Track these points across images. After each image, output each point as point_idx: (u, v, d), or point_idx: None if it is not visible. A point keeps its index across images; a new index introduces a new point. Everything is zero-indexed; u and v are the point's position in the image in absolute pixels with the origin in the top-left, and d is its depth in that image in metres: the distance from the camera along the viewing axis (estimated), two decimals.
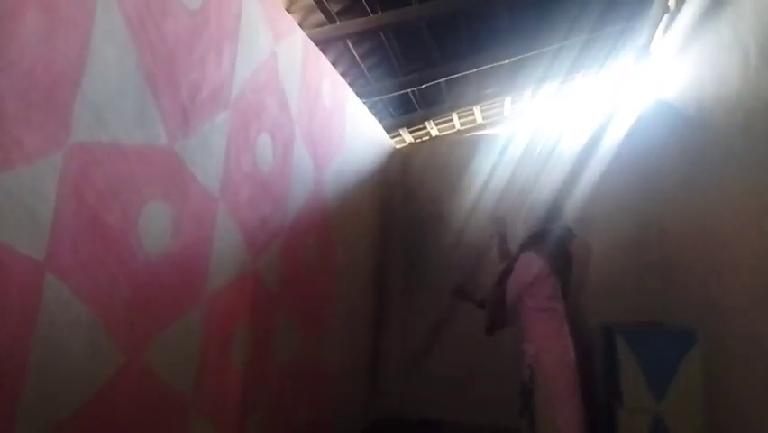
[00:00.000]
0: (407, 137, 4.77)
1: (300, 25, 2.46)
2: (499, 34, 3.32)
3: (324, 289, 2.68)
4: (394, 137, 4.47)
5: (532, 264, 2.47)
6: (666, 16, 3.14)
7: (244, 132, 1.94)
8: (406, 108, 4.12)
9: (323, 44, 2.76)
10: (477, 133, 4.94)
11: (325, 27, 2.80)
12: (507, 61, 3.56)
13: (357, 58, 3.17)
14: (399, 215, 3.87)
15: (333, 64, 2.89)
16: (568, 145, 3.53)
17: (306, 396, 2.47)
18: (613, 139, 3.43)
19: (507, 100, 4.71)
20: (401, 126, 4.47)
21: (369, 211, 3.48)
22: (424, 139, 4.96)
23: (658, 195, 3.24)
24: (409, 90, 3.76)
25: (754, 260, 2.11)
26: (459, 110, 4.62)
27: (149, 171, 1.48)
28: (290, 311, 2.30)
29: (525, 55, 3.49)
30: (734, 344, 2.35)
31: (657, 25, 3.27)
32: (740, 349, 2.28)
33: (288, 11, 2.54)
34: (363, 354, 3.37)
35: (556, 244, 2.58)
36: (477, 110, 4.82)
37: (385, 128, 3.94)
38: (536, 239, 2.57)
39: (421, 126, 4.72)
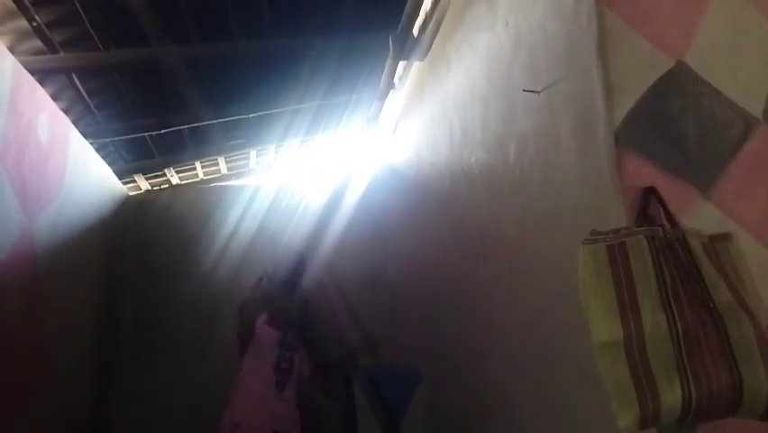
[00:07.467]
0: (144, 184, 4.41)
1: (11, 50, 2.11)
2: (246, 89, 3.39)
3: (30, 359, 2.22)
4: (127, 183, 4.09)
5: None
6: (392, 91, 3.66)
7: None
8: (142, 153, 3.82)
9: (40, 74, 2.40)
10: (222, 183, 4.85)
11: (45, 56, 2.45)
12: (252, 115, 3.63)
13: (83, 93, 2.84)
14: (131, 269, 3.52)
15: (53, 98, 2.54)
16: (312, 201, 3.76)
17: None
18: (350, 196, 3.79)
19: (253, 153, 4.77)
20: (136, 172, 4.12)
21: (95, 265, 3.08)
22: (162, 187, 4.65)
23: (386, 244, 3.65)
24: (146, 134, 3.51)
25: (460, 300, 2.52)
26: (202, 159, 4.49)
27: None
28: None
29: (269, 112, 3.62)
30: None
31: (384, 99, 3.79)
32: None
33: None
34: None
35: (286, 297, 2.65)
36: (222, 160, 4.75)
37: (117, 173, 3.59)
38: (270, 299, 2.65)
39: (160, 173, 4.42)
